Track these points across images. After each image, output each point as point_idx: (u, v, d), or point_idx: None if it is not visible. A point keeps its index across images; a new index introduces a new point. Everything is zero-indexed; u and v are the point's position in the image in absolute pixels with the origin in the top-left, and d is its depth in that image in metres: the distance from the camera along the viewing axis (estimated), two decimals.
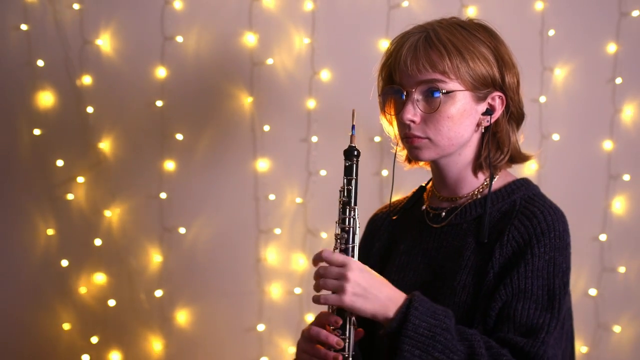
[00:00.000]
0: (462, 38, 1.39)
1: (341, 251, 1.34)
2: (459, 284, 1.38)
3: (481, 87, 1.40)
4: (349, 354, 1.29)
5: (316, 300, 1.31)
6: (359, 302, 1.27)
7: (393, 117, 1.47)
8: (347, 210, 1.34)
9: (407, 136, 1.42)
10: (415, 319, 1.26)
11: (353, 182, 1.35)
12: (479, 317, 1.36)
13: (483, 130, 1.44)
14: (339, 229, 1.35)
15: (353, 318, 1.30)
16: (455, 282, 1.38)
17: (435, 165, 1.49)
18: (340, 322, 1.29)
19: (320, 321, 1.33)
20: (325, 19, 2.45)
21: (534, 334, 1.32)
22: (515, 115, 1.46)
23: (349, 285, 1.27)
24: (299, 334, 1.40)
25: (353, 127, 1.39)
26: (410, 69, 1.38)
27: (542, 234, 1.36)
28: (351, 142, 1.37)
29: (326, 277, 1.30)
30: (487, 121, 1.42)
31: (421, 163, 1.54)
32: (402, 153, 1.56)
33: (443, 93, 1.36)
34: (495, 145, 1.45)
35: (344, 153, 1.36)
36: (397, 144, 1.49)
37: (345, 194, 1.35)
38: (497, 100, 1.43)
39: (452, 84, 1.37)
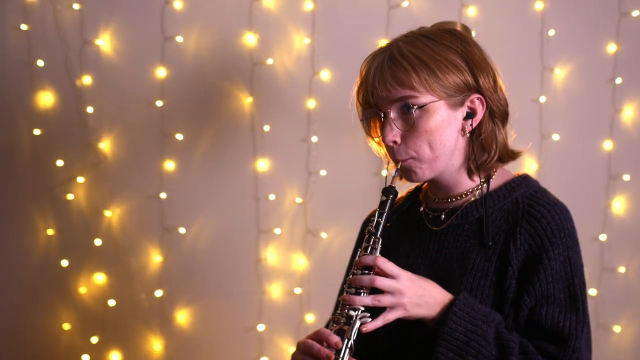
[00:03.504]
0: (427, 49, 1.37)
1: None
2: (465, 286, 1.39)
3: (455, 94, 1.38)
4: None
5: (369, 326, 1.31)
6: (414, 310, 1.32)
7: (380, 139, 1.46)
8: (372, 240, 1.37)
9: (395, 161, 1.42)
10: (452, 323, 1.30)
11: (384, 216, 1.38)
12: (510, 325, 1.38)
13: (469, 135, 1.42)
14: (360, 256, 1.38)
15: (351, 342, 1.30)
16: (462, 285, 1.39)
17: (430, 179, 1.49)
18: (341, 345, 1.29)
19: (317, 337, 1.33)
20: (325, 19, 2.45)
21: (564, 342, 1.34)
22: (497, 113, 1.43)
23: (405, 299, 1.30)
24: (299, 334, 1.41)
25: (397, 170, 1.41)
26: (380, 91, 1.37)
27: (553, 235, 1.36)
28: (392, 183, 1.41)
29: (378, 286, 1.30)
30: (470, 125, 1.40)
31: None
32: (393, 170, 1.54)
33: (416, 108, 1.35)
34: (480, 148, 1.43)
35: (382, 190, 1.40)
36: (388, 162, 1.48)
37: (374, 225, 1.37)
38: (476, 102, 1.40)
39: (424, 97, 1.35)
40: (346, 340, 1.30)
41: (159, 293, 2.51)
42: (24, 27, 2.46)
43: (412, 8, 2.42)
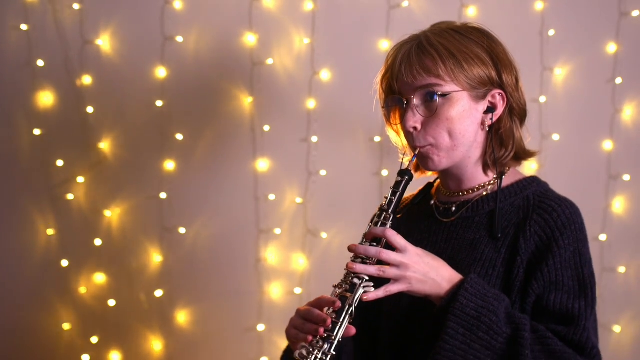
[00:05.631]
0: (455, 41, 1.41)
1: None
2: None
3: (478, 86, 1.41)
4: (335, 338, 1.29)
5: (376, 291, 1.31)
6: (418, 286, 1.32)
7: (399, 127, 1.48)
8: (383, 215, 1.39)
9: (413, 147, 1.44)
10: (463, 299, 1.31)
11: (397, 195, 1.40)
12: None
13: (488, 129, 1.45)
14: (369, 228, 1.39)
15: (352, 308, 1.31)
16: (470, 274, 1.40)
17: (445, 169, 1.50)
18: (339, 305, 1.30)
19: (318, 303, 1.35)
20: (325, 19, 2.45)
21: (574, 322, 1.35)
22: (517, 111, 1.48)
23: (410, 273, 1.31)
24: None
25: (414, 156, 1.44)
26: (406, 77, 1.40)
27: (563, 227, 1.39)
28: (409, 167, 1.44)
29: (383, 259, 1.31)
30: (490, 119, 1.44)
31: (429, 173, 1.55)
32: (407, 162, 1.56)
33: (440, 95, 1.38)
34: (499, 142, 1.47)
35: (399, 172, 1.42)
36: (404, 154, 1.50)
37: (387, 203, 1.39)
38: (497, 97, 1.44)
39: (449, 86, 1.39)
40: (347, 306, 1.30)
41: (159, 293, 2.51)
42: (24, 27, 2.46)
43: (412, 8, 2.43)
